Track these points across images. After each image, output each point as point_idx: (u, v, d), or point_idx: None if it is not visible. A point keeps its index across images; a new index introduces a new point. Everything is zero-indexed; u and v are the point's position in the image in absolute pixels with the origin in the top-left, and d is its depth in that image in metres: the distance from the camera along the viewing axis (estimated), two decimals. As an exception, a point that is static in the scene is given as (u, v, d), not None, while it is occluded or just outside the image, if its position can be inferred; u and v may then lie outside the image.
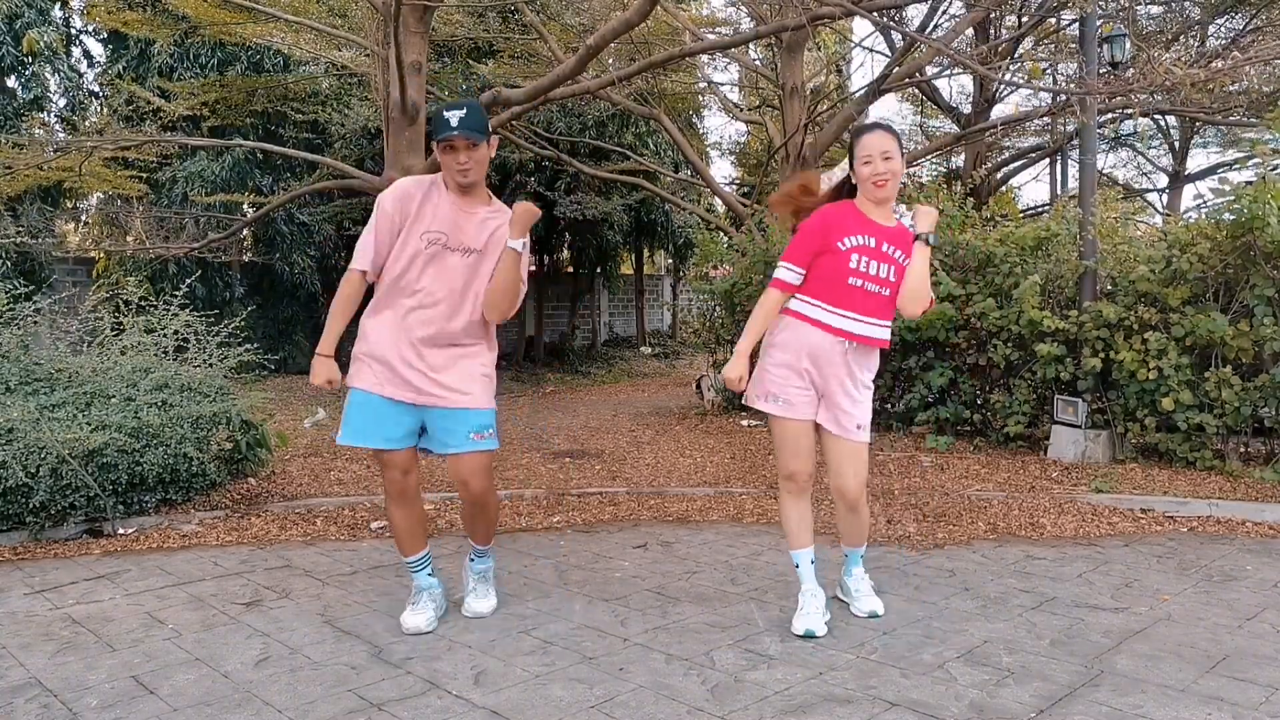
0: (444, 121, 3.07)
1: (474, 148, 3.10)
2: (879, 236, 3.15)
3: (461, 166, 3.10)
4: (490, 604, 3.48)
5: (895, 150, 3.12)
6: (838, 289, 3.13)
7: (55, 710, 2.69)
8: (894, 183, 3.14)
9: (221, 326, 5.96)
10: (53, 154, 9.60)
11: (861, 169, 3.14)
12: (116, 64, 13.34)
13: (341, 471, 6.33)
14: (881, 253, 3.14)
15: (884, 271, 3.14)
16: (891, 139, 3.14)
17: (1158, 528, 4.71)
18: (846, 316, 3.13)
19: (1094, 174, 6.71)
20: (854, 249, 3.12)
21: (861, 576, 3.44)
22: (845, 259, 3.12)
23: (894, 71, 10.41)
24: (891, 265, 3.16)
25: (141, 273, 12.21)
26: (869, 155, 3.12)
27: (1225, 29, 12.53)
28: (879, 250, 3.14)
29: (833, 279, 3.13)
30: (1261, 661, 2.91)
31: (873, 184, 3.13)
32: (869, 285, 3.13)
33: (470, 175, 3.12)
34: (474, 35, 11.19)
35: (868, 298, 3.14)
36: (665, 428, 8.47)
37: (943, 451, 6.67)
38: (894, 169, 3.11)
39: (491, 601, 3.49)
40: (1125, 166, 19.79)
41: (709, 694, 2.73)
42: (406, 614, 3.29)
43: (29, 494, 4.38)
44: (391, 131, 7.86)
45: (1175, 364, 5.79)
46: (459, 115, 3.07)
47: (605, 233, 15.84)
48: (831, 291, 3.14)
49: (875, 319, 3.16)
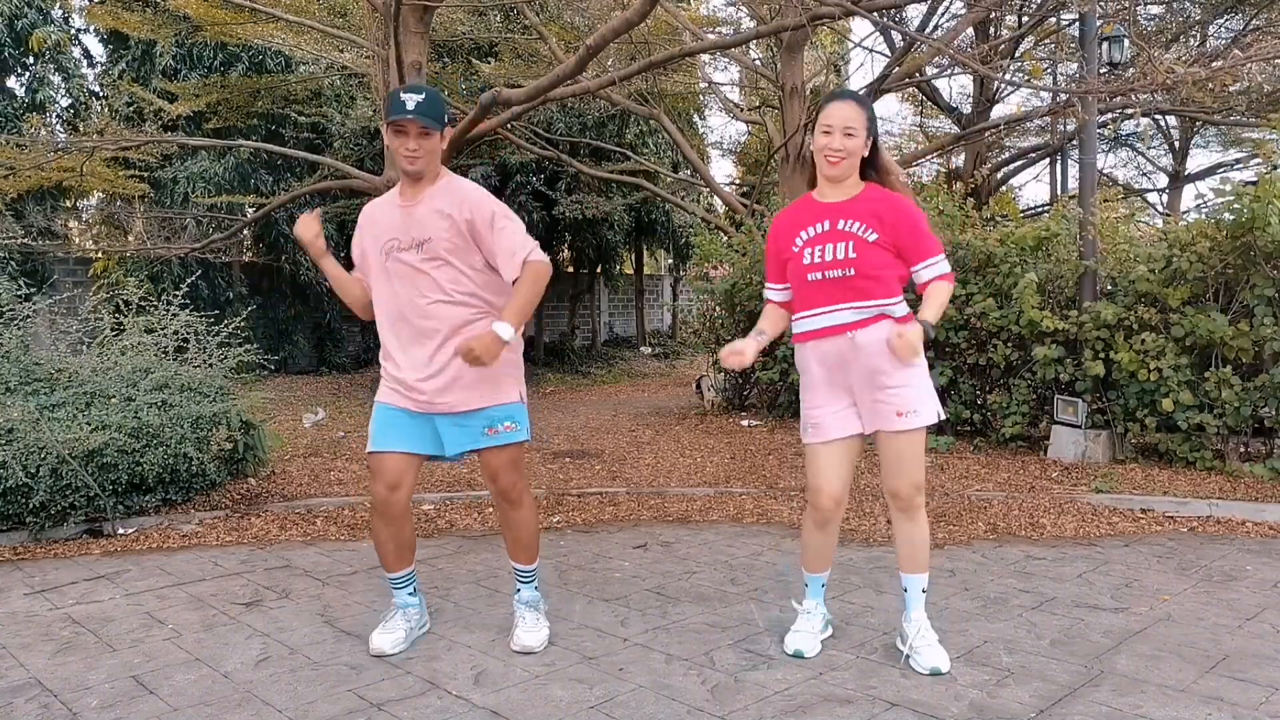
0: (399, 103, 2.90)
1: (426, 135, 2.93)
2: (831, 216, 2.91)
3: (410, 153, 2.94)
4: (541, 637, 3.13)
5: (860, 126, 2.84)
6: (805, 290, 2.94)
7: (55, 710, 2.69)
8: (850, 161, 2.87)
9: (222, 327, 5.95)
10: (54, 154, 9.61)
11: (819, 138, 2.87)
12: (118, 64, 13.36)
13: (341, 471, 6.33)
14: (836, 232, 2.88)
15: (841, 251, 2.85)
16: (859, 113, 2.86)
17: (1158, 528, 4.71)
18: (823, 312, 2.90)
19: (1094, 174, 6.71)
20: (806, 243, 2.93)
21: (922, 623, 2.96)
22: (800, 258, 2.93)
23: (894, 71, 10.42)
24: (850, 240, 2.86)
25: (142, 272, 12.21)
26: (829, 125, 2.85)
27: (1225, 29, 12.53)
28: (833, 230, 2.89)
29: (799, 283, 2.96)
30: (1261, 661, 2.91)
31: (825, 158, 2.87)
32: (830, 273, 2.87)
33: (418, 164, 2.96)
34: (474, 35, 11.20)
35: (834, 286, 2.87)
36: (665, 428, 8.47)
37: (943, 452, 6.67)
38: (850, 146, 2.84)
39: (543, 634, 3.14)
40: (1125, 166, 19.82)
41: (709, 694, 2.73)
42: (375, 633, 3.13)
43: (29, 494, 4.38)
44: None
45: (1175, 364, 5.79)
46: (416, 99, 2.91)
47: (605, 233, 15.85)
48: (803, 297, 2.96)
49: (856, 302, 2.86)
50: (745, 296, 8.45)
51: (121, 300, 6.66)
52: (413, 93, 2.94)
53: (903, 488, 2.90)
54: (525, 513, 3.18)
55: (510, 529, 3.21)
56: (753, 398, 9.24)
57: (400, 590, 3.19)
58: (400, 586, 3.19)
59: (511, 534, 3.22)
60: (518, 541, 3.22)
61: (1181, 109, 12.36)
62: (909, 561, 2.99)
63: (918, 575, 2.98)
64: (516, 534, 3.21)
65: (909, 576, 2.99)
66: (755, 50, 14.17)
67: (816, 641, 3.09)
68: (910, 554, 2.98)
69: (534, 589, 3.27)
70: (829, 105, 2.89)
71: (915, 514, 2.94)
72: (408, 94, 2.94)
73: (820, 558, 3.10)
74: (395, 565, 3.17)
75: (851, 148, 2.85)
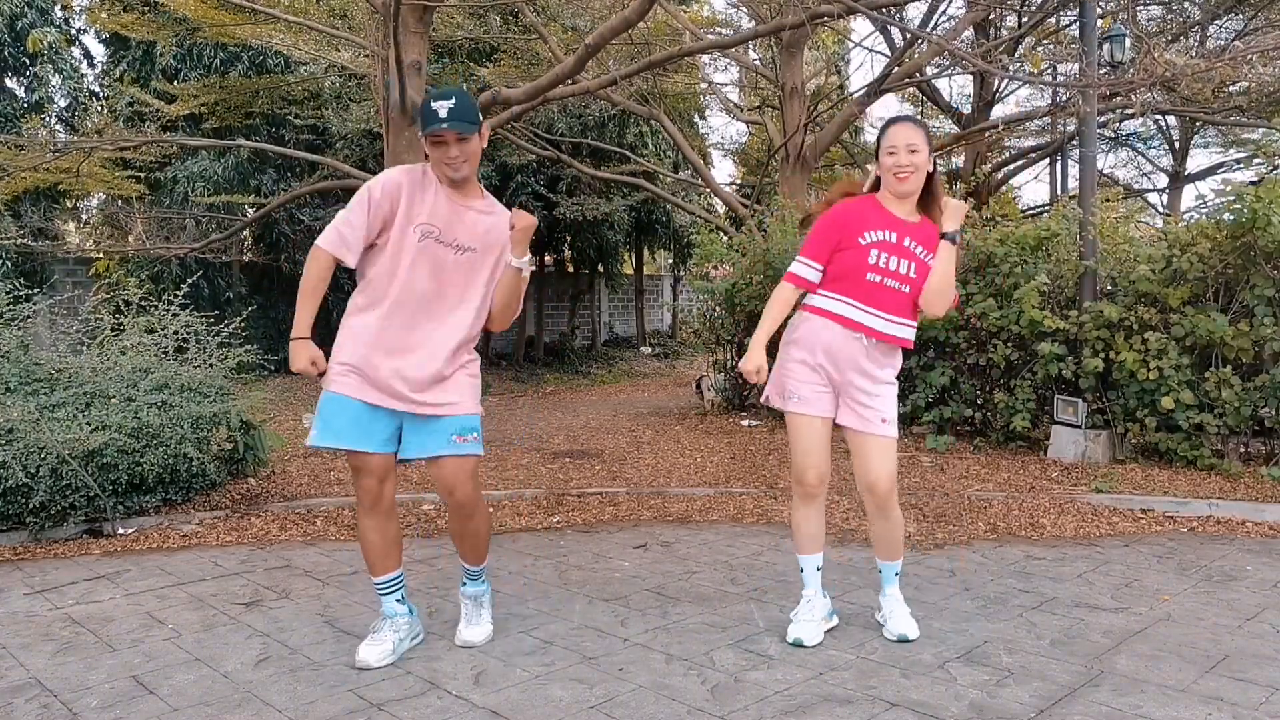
0: (431, 113, 2.83)
1: (464, 140, 2.87)
2: (900, 231, 3.06)
3: (452, 161, 2.88)
4: (484, 632, 3.18)
5: (922, 143, 3.02)
6: (858, 285, 3.04)
7: (55, 710, 2.69)
8: (918, 176, 3.04)
9: (222, 327, 5.95)
10: (53, 155, 9.60)
11: (885, 159, 3.05)
12: (118, 65, 13.36)
13: (341, 471, 6.33)
14: (903, 248, 3.04)
15: (905, 268, 3.04)
16: (918, 132, 3.05)
17: (1158, 528, 4.71)
18: (867, 312, 3.04)
19: (1094, 171, 6.71)
20: (874, 244, 3.03)
21: (895, 598, 3.24)
22: (865, 254, 3.02)
23: (894, 71, 10.42)
24: (913, 262, 3.05)
25: (142, 273, 12.21)
26: (894, 146, 3.03)
27: (1226, 29, 12.53)
28: (900, 245, 3.04)
29: (852, 274, 3.04)
30: (1261, 661, 2.91)
31: (894, 176, 3.03)
32: (889, 281, 3.03)
33: (462, 170, 2.91)
34: (474, 36, 11.19)
35: (888, 294, 3.04)
36: (665, 428, 8.47)
37: (943, 452, 6.67)
38: (917, 162, 3.01)
39: (486, 630, 3.19)
40: (1125, 166, 19.81)
41: (709, 694, 2.73)
42: (363, 645, 3.00)
43: (29, 494, 4.38)
44: (391, 131, 7.86)
45: (1175, 364, 5.79)
46: (448, 106, 2.82)
47: (606, 233, 15.85)
48: (852, 287, 3.05)
49: (896, 317, 3.06)
50: (745, 296, 8.44)
51: (121, 300, 6.65)
52: (442, 99, 2.85)
53: (882, 485, 3.11)
54: (480, 522, 3.11)
55: (466, 539, 3.12)
56: (753, 398, 9.24)
57: (388, 597, 3.08)
58: (388, 592, 3.08)
59: (467, 543, 3.13)
60: (474, 550, 3.15)
61: (1182, 109, 12.35)
62: (888, 552, 3.25)
63: (895, 561, 3.26)
64: (472, 543, 3.13)
65: (887, 563, 3.27)
66: (755, 50, 14.18)
67: (819, 631, 3.14)
68: (888, 547, 3.23)
69: (480, 582, 3.24)
70: (890, 128, 3.08)
71: (890, 510, 3.15)
72: (438, 102, 2.84)
73: (813, 538, 3.21)
74: (382, 566, 3.05)
75: (918, 163, 3.02)
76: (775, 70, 11.80)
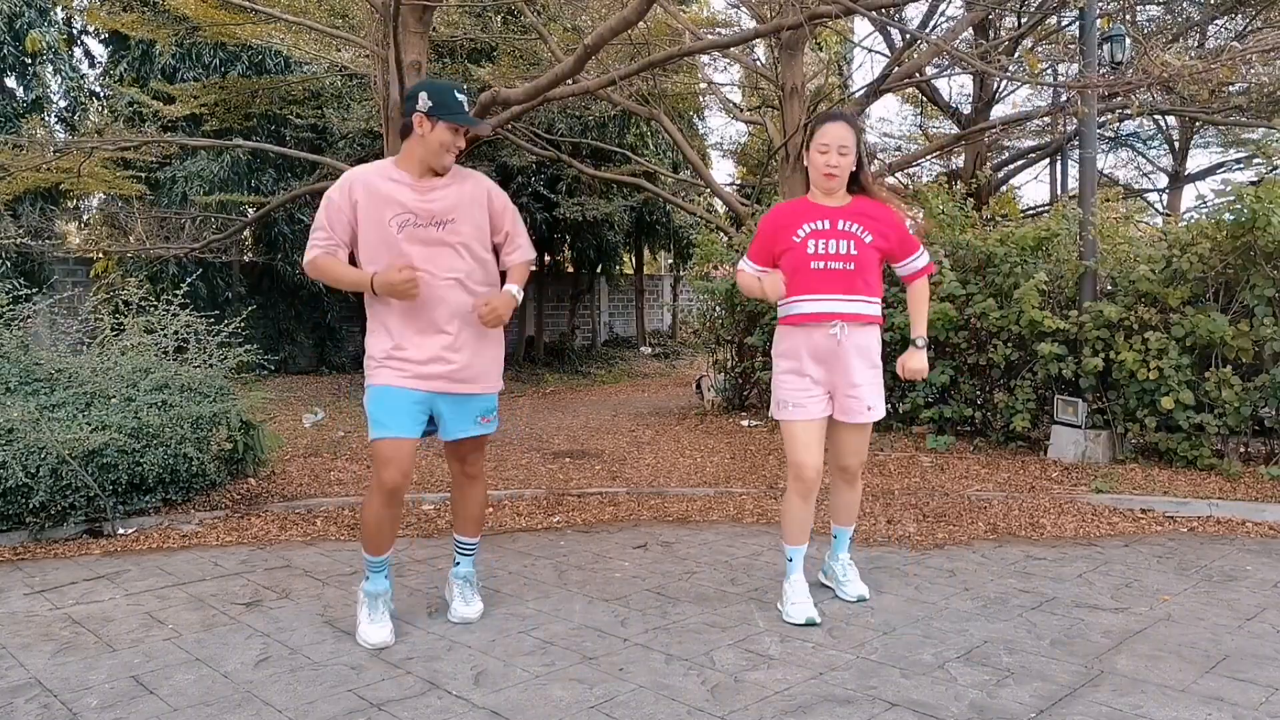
0: (459, 105, 3.08)
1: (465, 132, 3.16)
2: (832, 217, 3.28)
3: (456, 149, 3.14)
4: (479, 608, 3.40)
5: (852, 146, 3.23)
6: (807, 277, 3.25)
7: (55, 710, 2.69)
8: (842, 178, 3.27)
9: (221, 327, 5.95)
10: (52, 155, 9.59)
11: (816, 155, 3.26)
12: (118, 65, 13.35)
13: (341, 471, 6.33)
14: (838, 230, 3.26)
15: (845, 248, 3.24)
16: (851, 134, 3.24)
17: (1158, 528, 4.71)
18: (825, 299, 3.24)
19: (1094, 171, 6.70)
20: (809, 235, 3.26)
21: (849, 562, 3.59)
22: (803, 247, 3.26)
23: (894, 71, 10.42)
24: (851, 240, 3.25)
25: (142, 273, 12.21)
26: (826, 144, 3.24)
27: (1225, 30, 12.53)
28: (835, 229, 3.26)
29: (800, 269, 3.26)
30: (1261, 661, 2.91)
31: (824, 174, 3.25)
32: (832, 264, 3.24)
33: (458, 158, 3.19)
34: (474, 36, 11.18)
35: (836, 276, 3.24)
36: (665, 428, 8.47)
37: (942, 452, 6.67)
38: (844, 164, 3.24)
39: (479, 605, 3.41)
40: (1125, 166, 19.79)
41: (709, 694, 2.73)
42: (371, 629, 3.15)
43: (29, 494, 4.38)
44: (391, 131, 7.87)
45: (1175, 364, 5.79)
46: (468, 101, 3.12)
47: (606, 233, 15.85)
48: (803, 282, 3.26)
49: (854, 295, 3.25)
50: (745, 297, 8.44)
51: (121, 300, 6.65)
52: (463, 93, 3.11)
53: (854, 464, 3.46)
54: (482, 489, 3.43)
55: (468, 505, 3.39)
56: (753, 398, 9.24)
57: (378, 574, 3.24)
58: (379, 569, 3.25)
59: (467, 510, 3.39)
60: (471, 517, 3.40)
61: (1182, 109, 12.34)
62: (844, 518, 3.58)
63: (850, 526, 3.61)
64: (473, 510, 3.40)
65: (842, 528, 3.59)
66: (755, 50, 14.17)
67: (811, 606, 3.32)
68: (847, 513, 3.58)
69: (471, 564, 3.46)
70: (825, 125, 3.27)
71: (857, 481, 3.53)
72: (463, 95, 3.10)
73: (804, 529, 3.40)
74: (387, 547, 3.22)
75: (845, 165, 3.25)
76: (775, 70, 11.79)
